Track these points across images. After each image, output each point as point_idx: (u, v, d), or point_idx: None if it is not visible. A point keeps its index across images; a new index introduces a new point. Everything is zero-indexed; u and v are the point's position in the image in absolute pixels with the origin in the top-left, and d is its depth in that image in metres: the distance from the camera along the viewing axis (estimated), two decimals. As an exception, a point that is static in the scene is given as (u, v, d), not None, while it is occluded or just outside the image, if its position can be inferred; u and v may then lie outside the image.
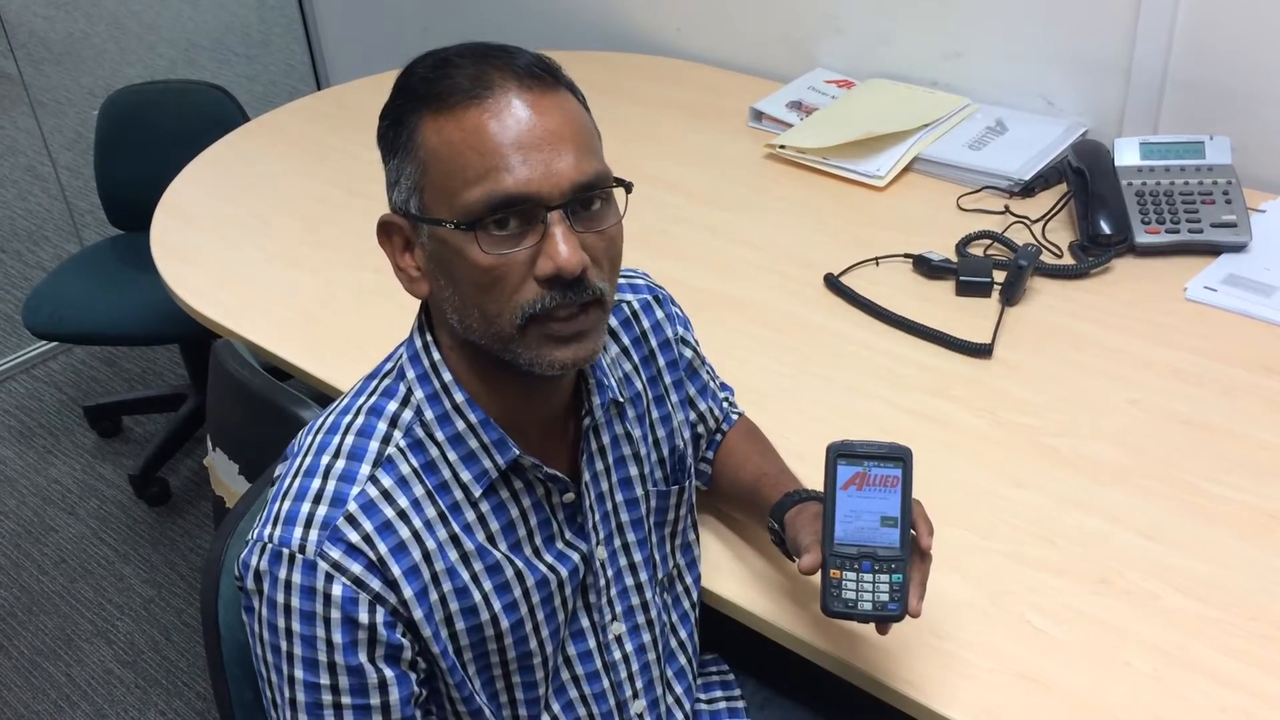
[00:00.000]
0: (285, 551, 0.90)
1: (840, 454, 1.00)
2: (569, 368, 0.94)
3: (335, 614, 0.90)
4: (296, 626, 0.90)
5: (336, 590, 0.90)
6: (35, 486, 2.68)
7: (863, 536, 0.99)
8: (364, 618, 0.90)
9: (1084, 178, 1.74)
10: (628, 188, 0.94)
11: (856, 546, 0.99)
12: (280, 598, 0.90)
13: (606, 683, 1.08)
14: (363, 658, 0.91)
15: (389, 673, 0.93)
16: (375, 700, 0.92)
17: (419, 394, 0.97)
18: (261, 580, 0.91)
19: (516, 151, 0.87)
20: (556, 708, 1.06)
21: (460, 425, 0.96)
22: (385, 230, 0.96)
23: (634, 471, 1.09)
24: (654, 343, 1.14)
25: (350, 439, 0.96)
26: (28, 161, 3.46)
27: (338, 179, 2.09)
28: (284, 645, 0.91)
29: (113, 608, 2.35)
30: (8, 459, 2.77)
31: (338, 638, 0.90)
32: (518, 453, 0.97)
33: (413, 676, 0.94)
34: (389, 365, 1.01)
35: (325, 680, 0.91)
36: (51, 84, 3.39)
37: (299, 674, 0.91)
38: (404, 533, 0.93)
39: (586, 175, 0.89)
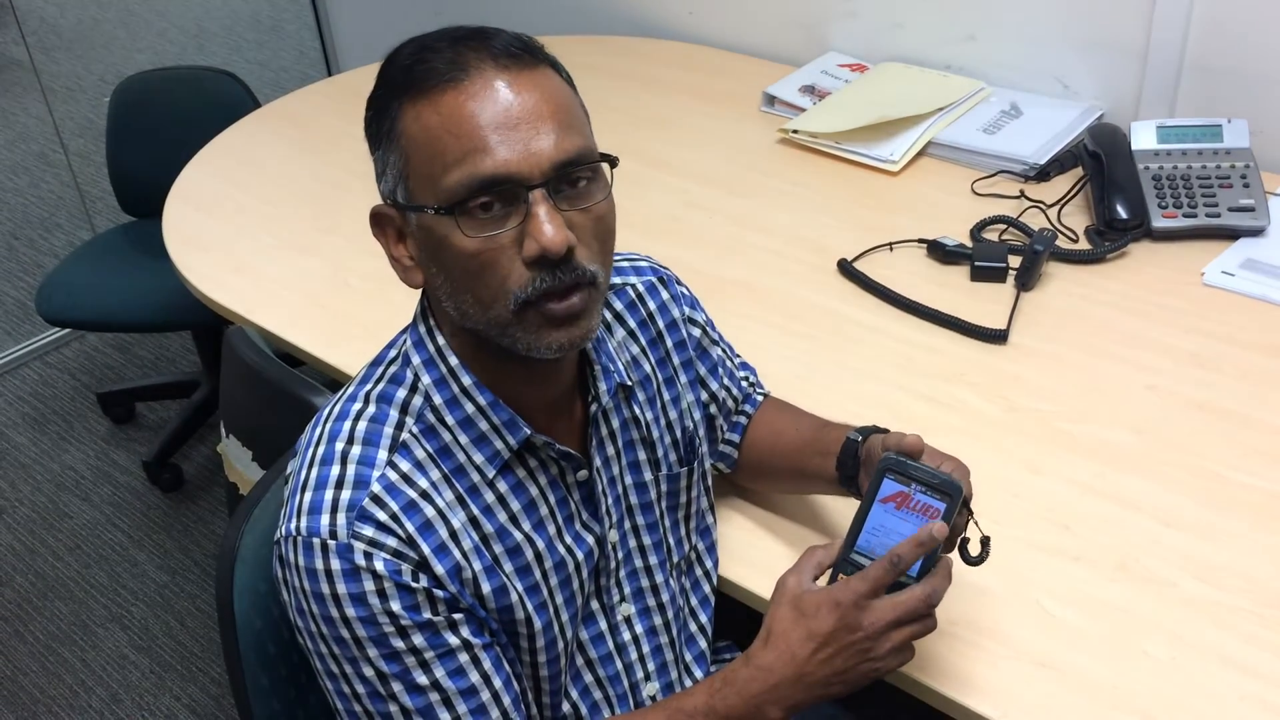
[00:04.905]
0: (316, 540, 0.90)
1: (890, 469, 0.96)
2: (565, 350, 0.92)
3: (387, 585, 0.89)
4: (352, 612, 0.90)
5: (379, 565, 0.89)
6: (49, 473, 2.69)
7: (883, 553, 0.95)
8: (413, 584, 0.90)
9: (1100, 161, 1.72)
10: (613, 163, 0.92)
11: (872, 560, 0.95)
12: (326, 589, 0.90)
13: (619, 665, 1.08)
14: (428, 614, 0.91)
15: (456, 615, 0.93)
16: (454, 640, 0.92)
17: (426, 379, 0.96)
18: (301, 578, 0.90)
19: (494, 132, 0.87)
20: (575, 694, 1.06)
21: (470, 408, 0.96)
22: (377, 222, 0.97)
23: (643, 455, 1.09)
24: (661, 324, 1.13)
25: (363, 425, 0.95)
26: (40, 148, 3.47)
27: (349, 165, 2.09)
28: (346, 634, 0.90)
29: (127, 593, 2.37)
30: (22, 446, 2.78)
31: (396, 605, 0.90)
32: (529, 432, 0.96)
33: (477, 615, 0.94)
34: (393, 352, 1.01)
35: (401, 645, 0.91)
36: (63, 71, 3.40)
37: (373, 653, 0.91)
38: (429, 512, 0.93)
39: (568, 153, 0.88)
